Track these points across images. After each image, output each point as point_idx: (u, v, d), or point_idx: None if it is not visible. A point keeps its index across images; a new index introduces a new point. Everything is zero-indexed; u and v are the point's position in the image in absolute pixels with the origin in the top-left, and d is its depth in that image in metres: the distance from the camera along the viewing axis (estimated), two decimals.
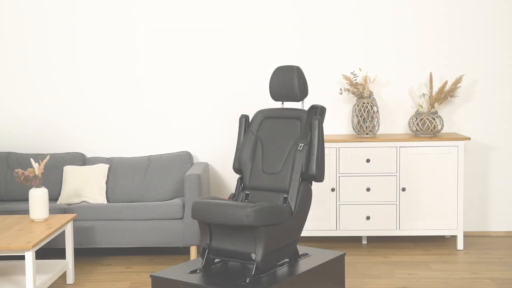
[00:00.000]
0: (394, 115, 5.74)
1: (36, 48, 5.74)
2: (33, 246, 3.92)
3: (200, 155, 5.80)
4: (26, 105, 5.76)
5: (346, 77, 5.53)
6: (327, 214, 5.36)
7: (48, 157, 4.75)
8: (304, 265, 3.94)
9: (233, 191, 5.65)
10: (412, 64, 5.72)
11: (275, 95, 4.10)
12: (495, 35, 5.68)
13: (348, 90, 5.52)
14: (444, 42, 5.69)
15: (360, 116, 5.44)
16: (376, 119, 5.46)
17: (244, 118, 4.21)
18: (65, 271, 4.73)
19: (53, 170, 5.46)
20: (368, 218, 5.33)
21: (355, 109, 5.48)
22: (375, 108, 5.45)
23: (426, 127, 5.37)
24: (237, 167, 4.17)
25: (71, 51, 5.74)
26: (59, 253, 5.35)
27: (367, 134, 5.47)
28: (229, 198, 4.11)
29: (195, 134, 5.78)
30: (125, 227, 5.00)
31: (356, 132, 5.52)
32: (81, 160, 5.56)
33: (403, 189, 5.31)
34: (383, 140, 5.31)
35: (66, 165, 5.47)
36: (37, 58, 5.74)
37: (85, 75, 5.75)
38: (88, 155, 5.75)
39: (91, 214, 5.01)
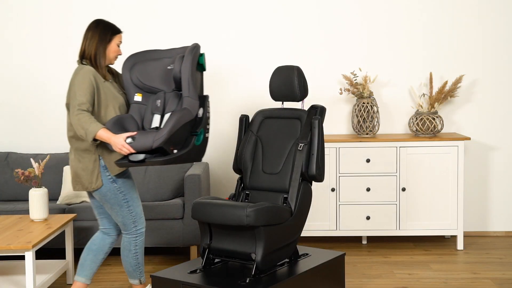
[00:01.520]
0: (394, 115, 5.74)
1: (35, 48, 5.74)
2: (33, 246, 3.92)
3: None
4: (26, 105, 5.76)
5: (346, 77, 5.53)
6: (327, 214, 5.36)
7: (48, 157, 4.74)
8: (304, 265, 3.94)
9: (233, 191, 5.65)
10: (412, 64, 5.72)
11: (275, 95, 4.10)
12: (495, 35, 5.68)
13: (348, 90, 5.52)
14: (444, 42, 5.69)
15: (360, 116, 5.44)
16: (376, 119, 5.46)
17: (244, 118, 4.21)
18: (65, 271, 4.73)
19: (53, 170, 5.46)
20: (368, 218, 5.33)
21: (355, 109, 5.48)
22: (375, 108, 5.45)
23: (426, 127, 5.37)
24: (237, 167, 4.17)
25: (70, 52, 5.74)
26: (59, 253, 5.35)
27: (367, 134, 5.47)
28: (229, 198, 4.11)
29: None
30: None
31: (356, 132, 5.52)
32: None
33: (403, 189, 5.31)
34: (383, 140, 5.31)
35: (66, 165, 5.46)
36: (36, 58, 5.74)
37: None
38: None
39: (91, 214, 5.01)
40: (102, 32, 3.81)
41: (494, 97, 5.71)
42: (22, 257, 5.14)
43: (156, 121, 3.73)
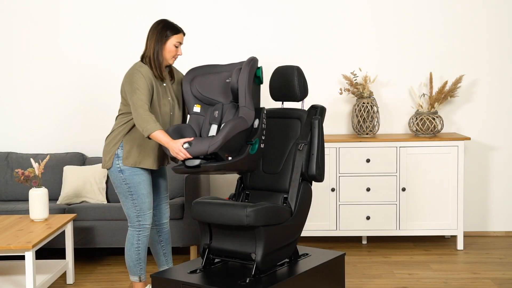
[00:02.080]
0: (394, 115, 5.74)
1: (34, 48, 5.74)
2: (33, 246, 3.92)
3: None
4: (26, 105, 5.76)
5: (346, 77, 5.53)
6: (327, 214, 5.36)
7: (48, 157, 4.75)
8: (304, 265, 3.94)
9: (233, 191, 5.64)
10: (412, 64, 5.72)
11: (275, 95, 4.10)
12: (495, 35, 5.67)
13: (348, 90, 5.52)
14: (444, 42, 5.69)
15: (360, 116, 5.44)
16: (376, 119, 5.46)
17: None
18: (65, 271, 4.73)
19: (53, 170, 5.46)
20: (368, 218, 5.33)
21: (355, 109, 5.48)
22: (375, 108, 5.45)
23: (426, 127, 5.37)
24: None
25: (68, 53, 5.73)
26: (59, 253, 5.35)
27: (367, 134, 5.47)
28: (229, 198, 4.11)
29: None
30: (125, 227, 4.99)
31: (356, 132, 5.52)
32: (81, 160, 5.56)
33: (403, 189, 5.31)
34: (383, 140, 5.30)
35: (66, 165, 5.46)
36: (35, 59, 5.74)
37: (84, 75, 5.75)
38: (88, 155, 5.75)
39: (91, 214, 5.01)
40: (160, 32, 3.91)
41: (494, 97, 5.71)
42: (22, 257, 5.14)
43: (213, 131, 3.83)
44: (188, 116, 4.06)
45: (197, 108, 3.96)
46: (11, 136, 5.77)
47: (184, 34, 4.00)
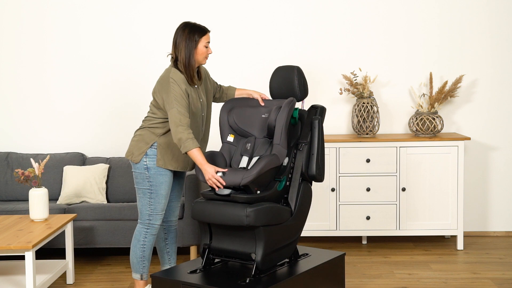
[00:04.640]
0: (394, 115, 5.74)
1: (36, 48, 5.74)
2: (33, 246, 3.92)
3: None
4: (26, 105, 5.76)
5: (346, 77, 5.53)
6: (327, 214, 5.36)
7: (48, 157, 4.75)
8: (304, 265, 3.94)
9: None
10: (412, 64, 5.72)
11: (275, 95, 4.10)
12: (495, 35, 5.67)
13: (348, 90, 5.52)
14: (444, 42, 5.69)
15: (360, 116, 5.44)
16: (376, 119, 5.46)
17: None
18: (65, 271, 4.73)
19: (53, 170, 5.46)
20: (368, 218, 5.33)
21: (355, 109, 5.48)
22: (375, 108, 5.45)
23: (426, 127, 5.37)
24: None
25: (67, 54, 5.73)
26: (59, 253, 5.35)
27: (367, 134, 5.47)
28: None
29: None
30: (125, 227, 5.00)
31: (356, 132, 5.52)
32: (81, 160, 5.56)
33: (403, 189, 5.31)
34: (383, 140, 5.31)
35: (66, 165, 5.46)
36: (35, 59, 5.74)
37: (83, 76, 5.75)
38: (88, 155, 5.75)
39: (91, 214, 5.01)
40: (188, 36, 3.89)
41: (494, 97, 5.71)
42: (22, 257, 5.14)
43: (244, 162, 3.91)
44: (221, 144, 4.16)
45: (230, 138, 4.06)
46: (11, 136, 5.77)
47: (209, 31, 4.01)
